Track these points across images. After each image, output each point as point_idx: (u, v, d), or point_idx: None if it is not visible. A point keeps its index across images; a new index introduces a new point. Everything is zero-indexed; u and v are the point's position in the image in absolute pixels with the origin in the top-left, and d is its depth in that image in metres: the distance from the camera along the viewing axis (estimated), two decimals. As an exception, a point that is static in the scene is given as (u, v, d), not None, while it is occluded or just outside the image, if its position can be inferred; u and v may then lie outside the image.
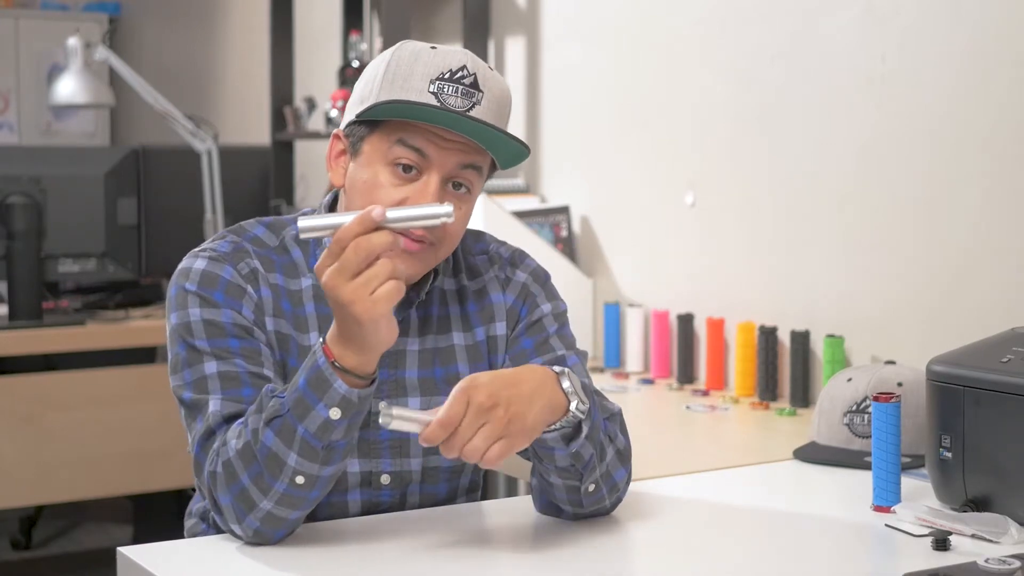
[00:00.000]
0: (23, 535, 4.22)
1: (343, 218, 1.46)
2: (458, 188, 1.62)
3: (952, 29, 2.38)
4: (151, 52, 6.19)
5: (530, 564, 1.56)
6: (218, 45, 5.58)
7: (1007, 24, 2.29)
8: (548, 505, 1.67)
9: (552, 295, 1.79)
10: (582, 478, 1.59)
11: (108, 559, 1.61)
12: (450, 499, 1.77)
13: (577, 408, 1.54)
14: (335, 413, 1.47)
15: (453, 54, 1.61)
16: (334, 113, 3.90)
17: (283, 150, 4.24)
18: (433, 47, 1.62)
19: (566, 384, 1.54)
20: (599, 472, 1.61)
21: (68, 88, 3.86)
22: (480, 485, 1.81)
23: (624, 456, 1.67)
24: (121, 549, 1.55)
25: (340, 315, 1.45)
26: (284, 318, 1.66)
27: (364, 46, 4.06)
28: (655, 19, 3.09)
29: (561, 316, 1.78)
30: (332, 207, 1.73)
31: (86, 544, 4.30)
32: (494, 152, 1.62)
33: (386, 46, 3.56)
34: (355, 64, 3.96)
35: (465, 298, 1.76)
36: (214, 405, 1.57)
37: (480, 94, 1.59)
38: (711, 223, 2.94)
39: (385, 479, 1.70)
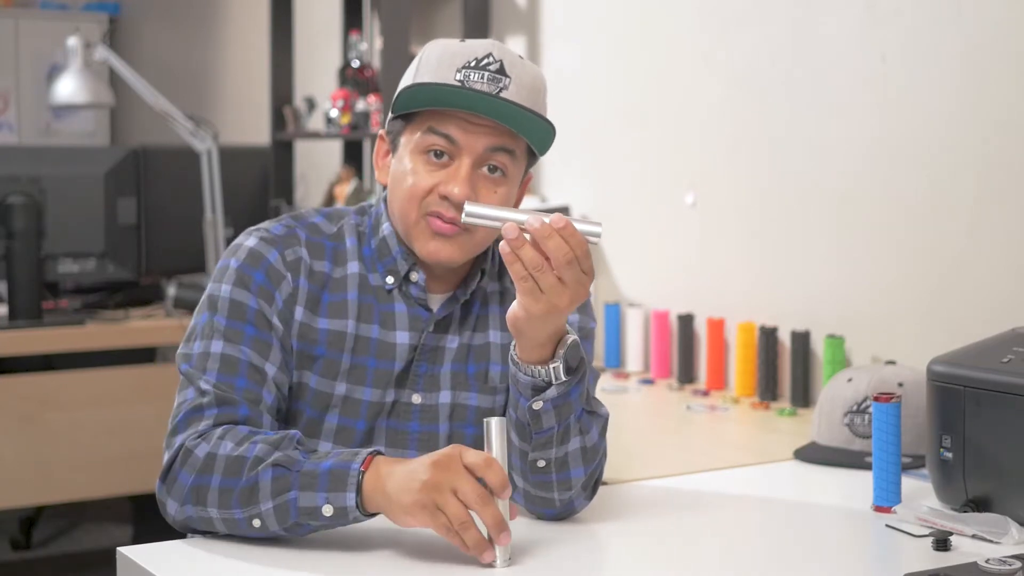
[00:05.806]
0: (23, 535, 4.22)
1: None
2: (493, 172, 1.64)
3: (952, 29, 2.38)
4: (151, 52, 6.19)
5: (530, 562, 1.55)
6: (218, 45, 5.58)
7: (1007, 24, 2.29)
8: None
9: (585, 311, 1.79)
10: (531, 442, 1.59)
11: (108, 559, 1.61)
12: None
13: (558, 366, 1.54)
14: (327, 510, 1.49)
15: (480, 44, 1.64)
16: (334, 113, 3.90)
17: (283, 150, 4.23)
18: (462, 41, 1.65)
19: (571, 339, 1.56)
20: (554, 453, 1.60)
21: (68, 88, 3.85)
22: None
23: (588, 455, 1.64)
24: (121, 549, 1.56)
25: (408, 490, 1.45)
26: (317, 310, 1.68)
27: (364, 46, 4.05)
28: (655, 19, 3.09)
29: (585, 331, 1.78)
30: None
31: (86, 544, 4.30)
32: (525, 134, 1.63)
33: (386, 46, 3.56)
34: (355, 64, 3.95)
35: (506, 299, 1.77)
36: (206, 384, 1.61)
37: (507, 79, 1.61)
38: (711, 223, 2.94)
39: None
